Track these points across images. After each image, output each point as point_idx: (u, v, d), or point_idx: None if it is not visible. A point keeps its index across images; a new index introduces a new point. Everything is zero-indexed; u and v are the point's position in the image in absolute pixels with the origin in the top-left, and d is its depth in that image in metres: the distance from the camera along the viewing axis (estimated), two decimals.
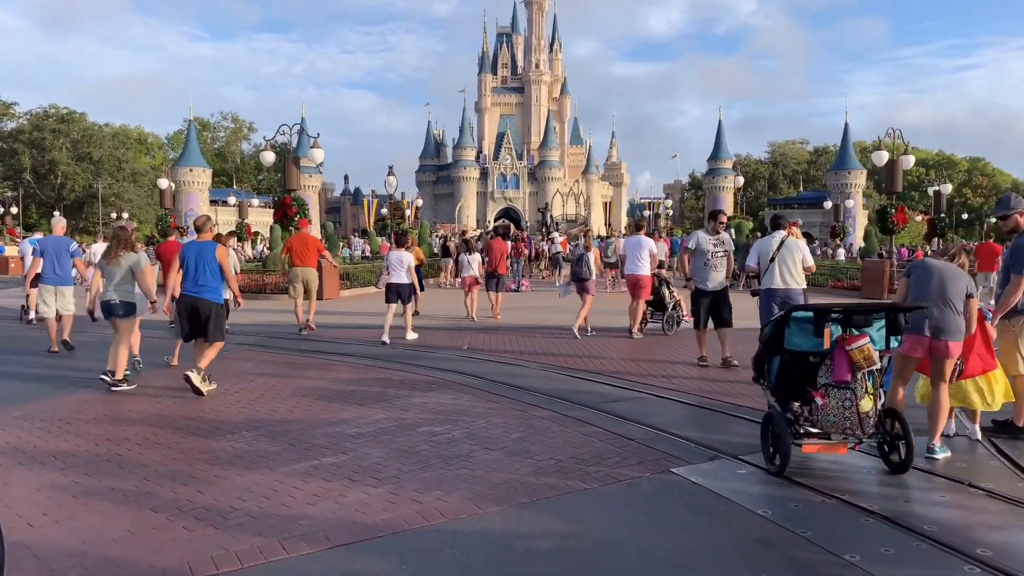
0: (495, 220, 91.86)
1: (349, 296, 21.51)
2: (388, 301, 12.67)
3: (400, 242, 13.28)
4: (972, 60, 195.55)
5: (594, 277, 13.71)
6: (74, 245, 11.87)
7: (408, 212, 64.25)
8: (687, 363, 10.11)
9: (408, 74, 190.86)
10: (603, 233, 50.18)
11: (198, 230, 8.41)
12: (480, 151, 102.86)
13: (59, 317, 11.61)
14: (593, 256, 14.07)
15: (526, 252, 24.28)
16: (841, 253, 38.51)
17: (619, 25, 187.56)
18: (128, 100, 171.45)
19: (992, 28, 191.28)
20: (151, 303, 8.75)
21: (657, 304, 13.63)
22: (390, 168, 29.86)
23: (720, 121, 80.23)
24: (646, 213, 77.22)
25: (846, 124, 62.91)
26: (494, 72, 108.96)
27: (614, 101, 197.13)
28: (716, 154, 78.89)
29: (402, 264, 12.58)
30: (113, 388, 8.24)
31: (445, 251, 25.24)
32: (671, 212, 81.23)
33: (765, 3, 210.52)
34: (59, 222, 12.34)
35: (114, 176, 73.07)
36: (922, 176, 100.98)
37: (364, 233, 41.55)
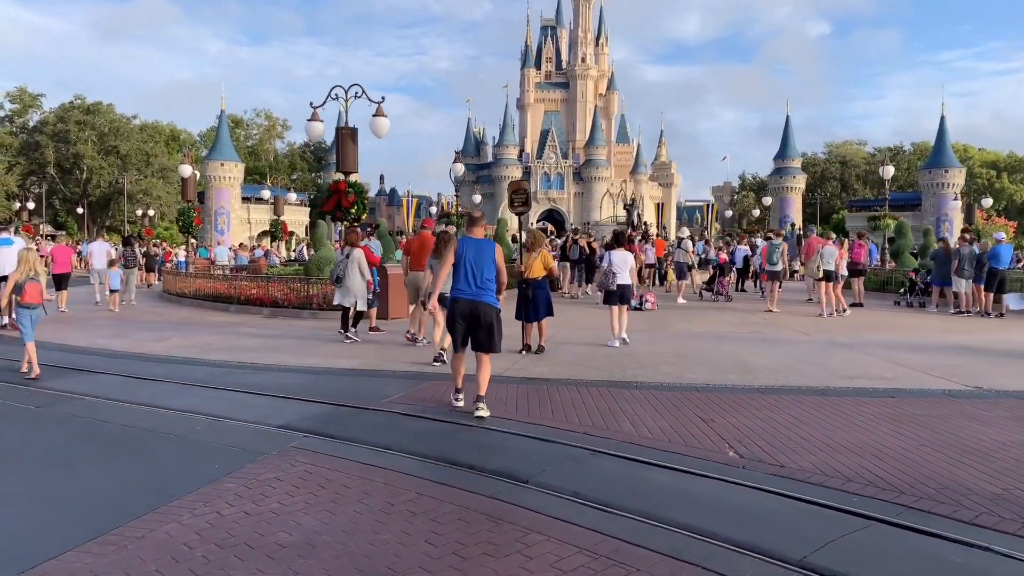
0: (537, 222, 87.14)
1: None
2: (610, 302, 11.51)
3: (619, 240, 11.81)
4: (1014, 64, 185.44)
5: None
6: None
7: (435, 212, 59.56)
8: None
9: (441, 78, 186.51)
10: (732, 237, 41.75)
11: (473, 223, 7.70)
12: (522, 149, 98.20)
13: None
14: None
15: (642, 258, 19.01)
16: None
17: (641, 29, 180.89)
18: (169, 104, 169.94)
19: None
20: None
21: None
22: (456, 154, 25.00)
23: (788, 117, 74.31)
24: (728, 214, 71.28)
25: (942, 118, 56.69)
26: (538, 67, 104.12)
27: (642, 105, 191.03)
28: (784, 152, 72.91)
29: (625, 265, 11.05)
30: None
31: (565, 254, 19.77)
32: (728, 214, 75.30)
33: (798, 8, 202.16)
34: None
35: (141, 171, 69.16)
36: (992, 179, 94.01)
37: (401, 234, 37.14)
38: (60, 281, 18.79)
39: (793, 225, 62.84)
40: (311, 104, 16.54)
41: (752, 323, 15.44)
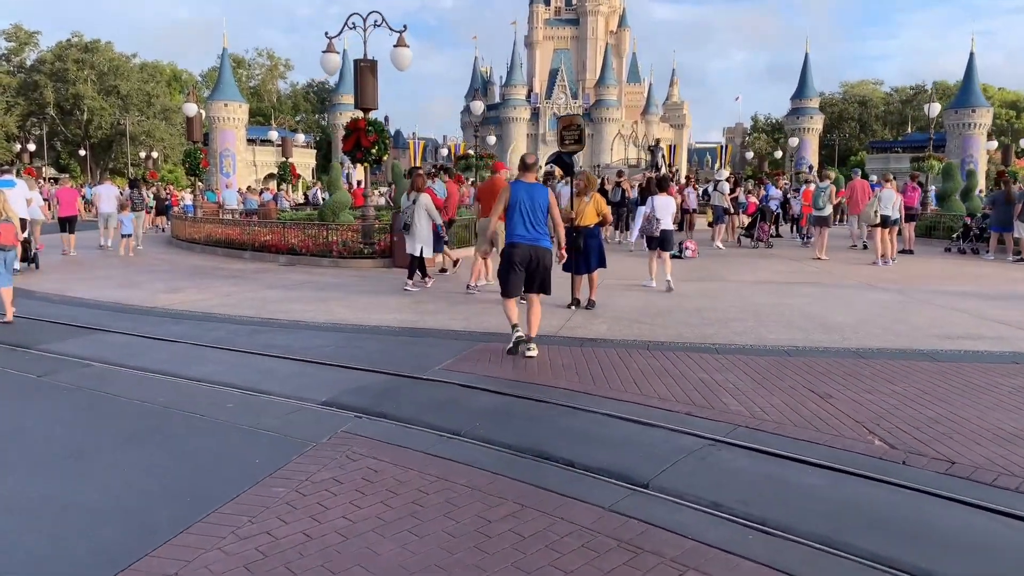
0: (545, 165, 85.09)
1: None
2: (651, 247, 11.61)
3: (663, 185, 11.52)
4: None
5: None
6: None
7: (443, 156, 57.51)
8: None
9: (445, 15, 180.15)
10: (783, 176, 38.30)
11: (527, 168, 7.33)
12: (531, 89, 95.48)
13: None
14: None
15: (678, 200, 17.69)
16: None
17: None
18: (169, 44, 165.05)
19: None
20: None
21: None
22: (475, 92, 23.46)
23: (807, 55, 71.78)
24: (748, 155, 69.09)
25: (971, 54, 53.98)
26: (547, 3, 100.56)
27: (652, 45, 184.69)
28: (801, 92, 70.41)
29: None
30: None
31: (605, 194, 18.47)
32: (749, 155, 73.16)
33: None
34: None
35: (143, 112, 67.13)
36: (1012, 119, 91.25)
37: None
38: (67, 224, 18.27)
39: (811, 167, 61.08)
40: (326, 34, 15.17)
41: (806, 272, 14.34)
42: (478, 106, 25.29)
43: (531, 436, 4.84)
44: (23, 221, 14.41)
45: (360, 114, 15.04)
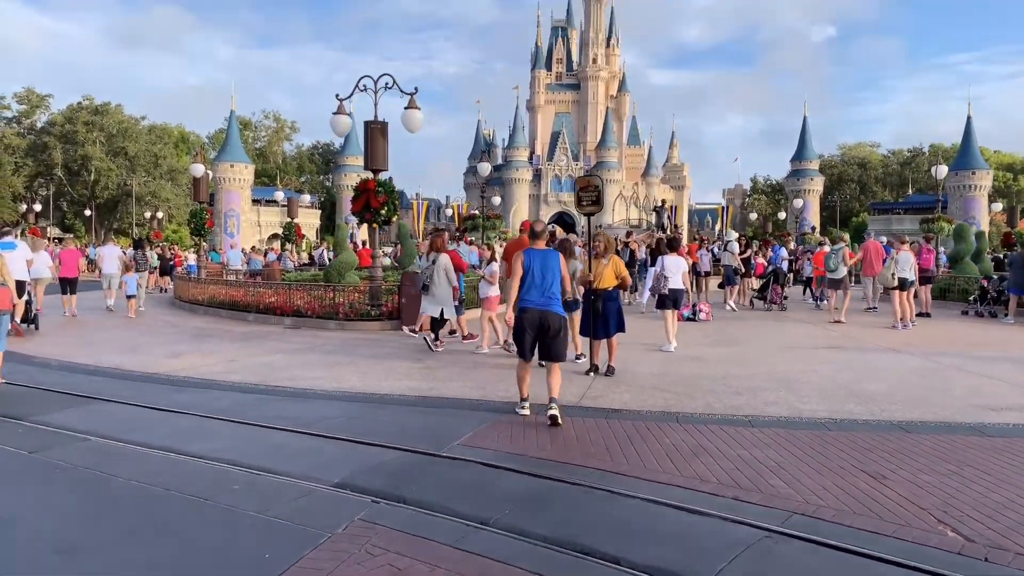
0: (548, 224, 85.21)
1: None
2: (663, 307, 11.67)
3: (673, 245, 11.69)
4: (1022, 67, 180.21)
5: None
6: None
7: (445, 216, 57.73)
8: None
9: (449, 82, 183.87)
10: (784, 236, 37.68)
11: (536, 236, 7.59)
12: (533, 151, 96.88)
13: None
14: None
15: (690, 262, 17.44)
16: None
17: (647, 34, 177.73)
18: (178, 108, 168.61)
19: None
20: None
21: None
22: (482, 153, 23.38)
23: (805, 118, 72.86)
24: (752, 216, 69.37)
25: (968, 118, 54.86)
26: (548, 68, 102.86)
27: (650, 109, 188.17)
28: (801, 154, 71.34)
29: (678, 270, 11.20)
30: None
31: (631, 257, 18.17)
32: (753, 217, 73.48)
33: (803, 13, 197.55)
34: None
35: (150, 173, 67.83)
36: (1008, 181, 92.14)
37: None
38: (68, 285, 18.15)
39: (813, 228, 61.28)
40: (337, 96, 15.15)
41: (827, 336, 13.97)
42: (485, 167, 25.33)
43: (569, 527, 4.40)
44: (22, 283, 14.19)
45: (369, 175, 14.94)
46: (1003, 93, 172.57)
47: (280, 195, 50.40)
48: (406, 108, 14.73)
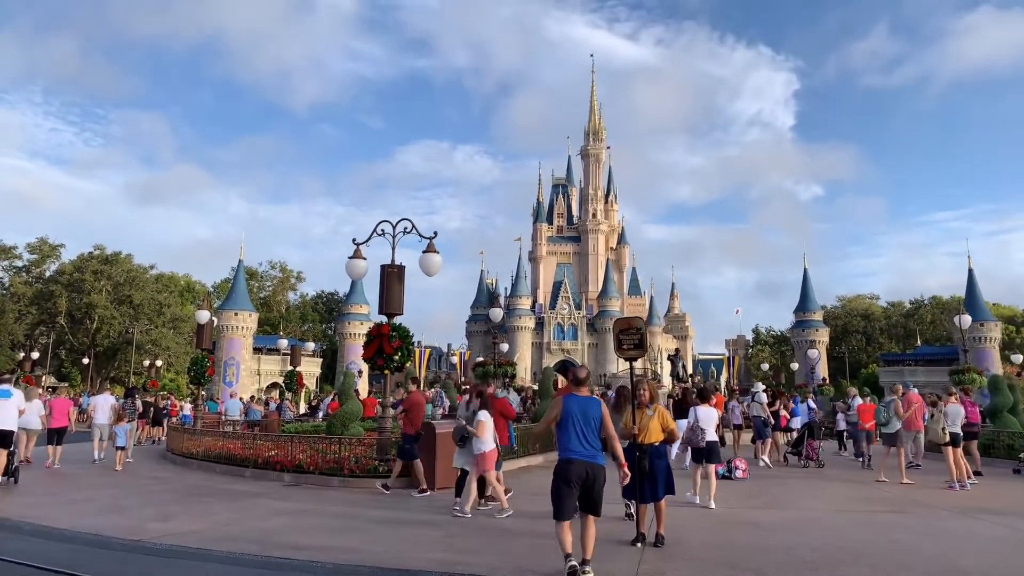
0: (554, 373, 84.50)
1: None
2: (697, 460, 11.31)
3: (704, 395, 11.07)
4: (1009, 223, 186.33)
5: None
6: None
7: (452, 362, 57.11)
8: None
9: (452, 236, 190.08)
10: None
11: (579, 383, 7.13)
12: (535, 300, 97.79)
13: None
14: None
15: (720, 414, 16.43)
16: None
17: (642, 192, 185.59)
18: (187, 259, 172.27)
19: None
20: None
21: None
22: (495, 298, 22.91)
23: (805, 270, 73.75)
24: (764, 367, 68.38)
25: (970, 271, 55.47)
26: (549, 221, 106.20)
27: (647, 261, 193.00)
28: (804, 305, 71.63)
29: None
30: None
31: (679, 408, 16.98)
32: (765, 367, 72.54)
33: (789, 174, 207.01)
34: None
35: (153, 321, 67.67)
36: (1012, 333, 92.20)
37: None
38: (56, 435, 17.36)
39: (824, 379, 60.19)
40: (354, 240, 14.80)
41: (882, 498, 12.70)
42: (497, 312, 24.83)
43: None
44: (9, 433, 13.14)
45: (374, 321, 14.34)
46: (986, 251, 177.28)
47: (284, 343, 49.90)
48: (424, 252, 14.32)
